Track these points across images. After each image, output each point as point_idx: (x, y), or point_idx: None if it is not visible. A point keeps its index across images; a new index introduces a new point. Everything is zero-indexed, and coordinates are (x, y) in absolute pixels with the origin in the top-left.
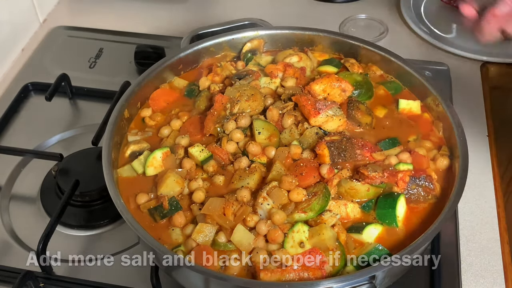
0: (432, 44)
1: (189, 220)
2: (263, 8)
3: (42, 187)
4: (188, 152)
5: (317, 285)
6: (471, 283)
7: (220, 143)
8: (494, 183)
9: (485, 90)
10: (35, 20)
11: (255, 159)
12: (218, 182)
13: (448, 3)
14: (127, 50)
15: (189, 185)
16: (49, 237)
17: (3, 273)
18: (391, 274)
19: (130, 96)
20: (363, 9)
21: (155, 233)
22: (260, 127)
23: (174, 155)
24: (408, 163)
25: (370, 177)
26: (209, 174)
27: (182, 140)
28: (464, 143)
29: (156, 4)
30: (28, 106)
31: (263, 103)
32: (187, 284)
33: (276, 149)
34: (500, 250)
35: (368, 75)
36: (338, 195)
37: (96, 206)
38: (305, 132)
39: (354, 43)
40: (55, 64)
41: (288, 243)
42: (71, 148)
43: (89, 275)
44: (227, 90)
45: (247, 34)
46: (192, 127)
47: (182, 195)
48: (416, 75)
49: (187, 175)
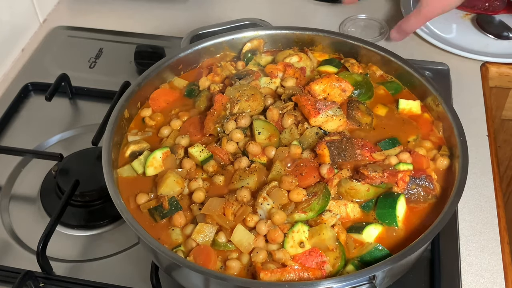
0: (432, 44)
1: (189, 220)
2: (263, 8)
3: (42, 187)
4: (188, 152)
5: (317, 285)
6: (471, 283)
7: (220, 143)
8: (494, 183)
9: (485, 90)
10: (35, 20)
11: (255, 159)
12: (218, 182)
13: None
14: (127, 50)
15: (189, 185)
16: (49, 237)
17: (3, 273)
18: (391, 274)
19: (130, 96)
20: (363, 9)
21: (155, 233)
22: (260, 127)
23: (174, 155)
24: (408, 163)
25: (370, 177)
26: (209, 174)
27: (182, 140)
28: (464, 143)
29: (156, 4)
30: (28, 106)
31: (263, 103)
32: (187, 284)
33: (276, 149)
34: (500, 250)
35: (368, 75)
36: (338, 195)
37: (96, 206)
38: (305, 132)
39: (354, 43)
40: (55, 64)
41: (288, 243)
42: (71, 148)
43: (89, 275)
44: (227, 90)
45: (247, 34)
46: (192, 127)
47: (182, 195)
48: (416, 75)
49: (187, 175)
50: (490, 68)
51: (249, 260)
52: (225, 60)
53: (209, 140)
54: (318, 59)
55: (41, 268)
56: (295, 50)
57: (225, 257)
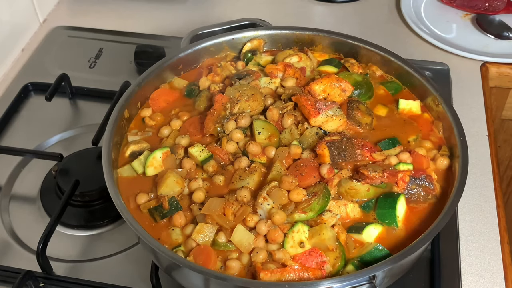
0: (432, 44)
1: (189, 220)
2: (263, 8)
3: (42, 187)
4: (188, 152)
5: (317, 285)
6: (471, 283)
7: (220, 143)
8: (494, 183)
9: (485, 90)
10: (35, 20)
11: (255, 159)
12: (218, 182)
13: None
14: (127, 50)
15: (189, 185)
16: (49, 237)
17: (3, 273)
18: (391, 274)
19: (130, 96)
20: (363, 9)
21: (155, 233)
22: (260, 127)
23: (174, 155)
24: (408, 163)
25: (370, 177)
26: (209, 174)
27: (182, 140)
28: (464, 143)
29: (156, 4)
30: (28, 106)
31: (263, 103)
32: (187, 284)
33: (276, 149)
34: (500, 250)
35: (368, 75)
36: (338, 195)
37: (96, 206)
38: (305, 132)
39: (354, 43)
40: (55, 64)
41: (288, 243)
42: (71, 148)
43: (89, 275)
44: (227, 90)
45: (247, 34)
46: (192, 127)
47: (182, 195)
48: (416, 75)
49: (187, 175)
50: (490, 68)
51: (249, 260)
52: (225, 60)
53: (208, 139)
54: (318, 59)
55: (41, 268)
56: (295, 50)
57: (225, 257)
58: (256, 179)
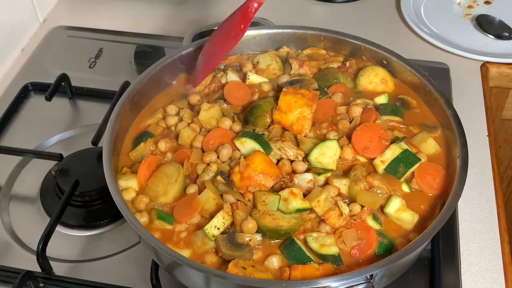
0: (432, 44)
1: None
2: (262, 8)
3: (42, 187)
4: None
5: (314, 283)
6: (471, 283)
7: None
8: (494, 183)
9: (485, 90)
10: (35, 20)
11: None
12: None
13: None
14: (127, 50)
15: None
16: (49, 237)
17: (3, 273)
18: (389, 273)
19: (130, 96)
20: (363, 9)
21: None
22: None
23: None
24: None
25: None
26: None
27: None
28: (464, 143)
29: (156, 4)
30: (28, 106)
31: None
32: (188, 282)
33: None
34: (500, 250)
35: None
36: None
37: (96, 206)
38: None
39: (356, 43)
40: (55, 64)
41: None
42: (71, 148)
43: (89, 275)
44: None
45: (248, 33)
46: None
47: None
48: (416, 75)
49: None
50: (490, 68)
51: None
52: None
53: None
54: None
55: (41, 268)
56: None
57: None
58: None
